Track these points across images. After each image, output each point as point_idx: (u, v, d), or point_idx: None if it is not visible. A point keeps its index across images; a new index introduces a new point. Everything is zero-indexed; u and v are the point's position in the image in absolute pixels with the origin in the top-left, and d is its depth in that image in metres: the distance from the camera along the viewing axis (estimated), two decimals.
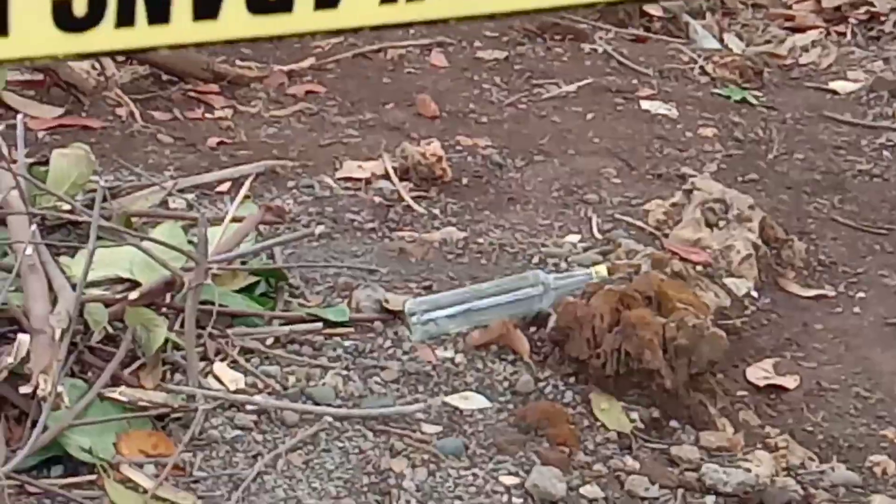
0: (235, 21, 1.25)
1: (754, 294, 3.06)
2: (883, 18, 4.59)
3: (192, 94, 3.67)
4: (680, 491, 2.46)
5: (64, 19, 1.20)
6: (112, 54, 1.25)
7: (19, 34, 1.19)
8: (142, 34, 1.23)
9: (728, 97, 3.97)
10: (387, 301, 2.74)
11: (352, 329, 2.68)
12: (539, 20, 4.07)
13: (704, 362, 2.62)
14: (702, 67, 4.12)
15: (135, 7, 1.22)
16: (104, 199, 2.59)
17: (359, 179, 3.32)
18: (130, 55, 1.19)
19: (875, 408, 2.79)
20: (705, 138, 3.72)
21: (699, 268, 3.02)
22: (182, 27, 1.24)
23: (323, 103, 3.72)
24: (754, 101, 3.97)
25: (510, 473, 2.40)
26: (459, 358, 2.64)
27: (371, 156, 3.42)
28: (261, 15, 1.26)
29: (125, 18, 1.22)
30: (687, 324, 2.60)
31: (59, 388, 2.27)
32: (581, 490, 2.40)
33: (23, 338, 2.34)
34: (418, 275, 2.90)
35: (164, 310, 2.58)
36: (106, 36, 1.22)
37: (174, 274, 2.54)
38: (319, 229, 3.03)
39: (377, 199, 3.24)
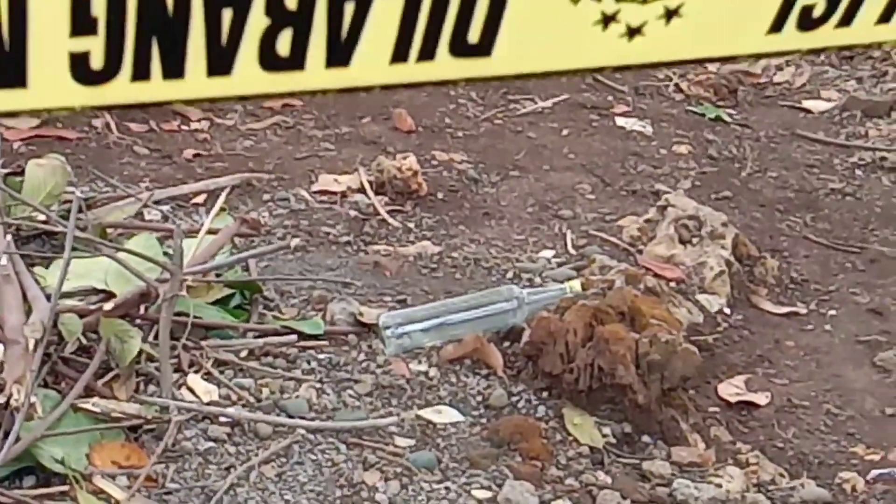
0: (248, 78, 1.26)
1: (727, 311, 3.08)
2: None
3: (168, 105, 3.67)
4: None
5: (81, 72, 1.22)
6: (127, 107, 1.25)
7: (38, 86, 1.21)
8: (156, 88, 1.24)
9: (702, 115, 3.99)
10: (361, 314, 2.74)
11: (326, 342, 2.68)
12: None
13: (677, 378, 2.64)
14: (677, 85, 4.15)
15: (150, 63, 1.23)
16: (80, 210, 2.59)
17: (334, 193, 3.33)
18: (145, 107, 1.21)
19: (845, 425, 2.81)
20: (679, 155, 3.74)
21: (672, 284, 3.04)
22: (196, 82, 1.25)
23: (299, 116, 3.72)
24: (728, 119, 4.00)
25: (483, 487, 2.41)
26: (433, 372, 2.64)
27: (347, 169, 3.43)
28: (273, 72, 1.27)
29: (141, 73, 1.23)
30: (660, 339, 2.62)
31: (33, 399, 2.27)
32: None
33: None
34: (393, 288, 2.91)
35: (138, 321, 2.58)
36: (122, 89, 1.23)
37: (149, 285, 2.54)
38: (295, 242, 3.04)
39: (352, 213, 3.25)
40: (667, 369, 2.62)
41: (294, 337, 2.66)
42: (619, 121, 3.88)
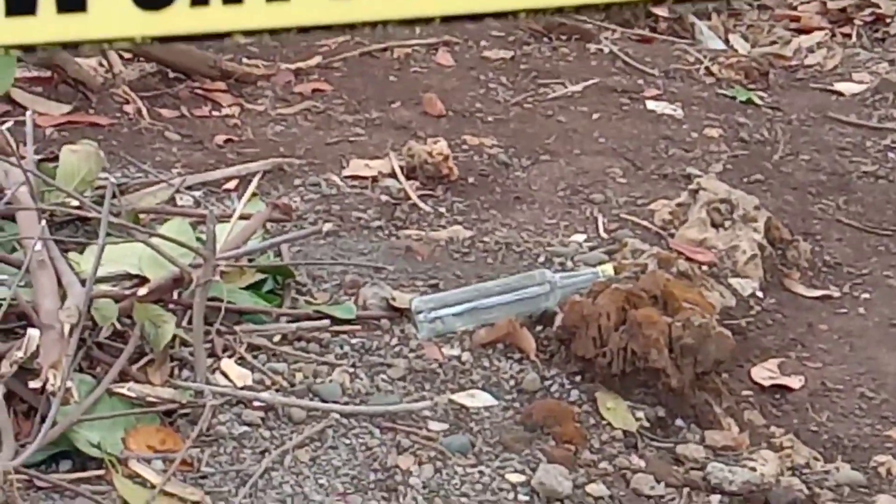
0: (309, 6, 1.21)
1: (759, 294, 3.07)
2: (888, 20, 4.60)
3: (199, 91, 3.68)
4: (685, 490, 2.47)
5: None
6: (186, 39, 1.21)
7: (97, 12, 1.17)
8: (216, 17, 1.19)
9: (733, 98, 3.98)
10: (393, 299, 2.75)
11: (358, 327, 2.68)
12: (545, 20, 4.07)
13: (710, 362, 2.63)
14: (707, 68, 4.13)
15: None
16: (113, 196, 2.60)
17: (365, 178, 3.33)
18: (204, 40, 1.16)
19: (880, 408, 2.80)
20: (711, 139, 3.73)
21: (705, 268, 3.03)
22: (255, 10, 1.20)
23: (329, 102, 3.73)
24: (759, 102, 3.98)
25: (516, 471, 2.41)
26: (466, 356, 2.64)
27: (377, 154, 3.43)
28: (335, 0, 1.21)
29: None
30: (693, 323, 2.61)
31: (68, 384, 2.28)
32: (587, 488, 2.41)
33: (32, 333, 2.35)
34: (425, 273, 2.91)
35: (172, 306, 2.59)
36: (181, 17, 1.19)
37: (182, 270, 2.55)
38: (326, 227, 3.04)
39: (384, 198, 3.25)
40: (700, 353, 2.61)
41: (327, 321, 2.67)
42: (650, 104, 3.87)
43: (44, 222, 2.61)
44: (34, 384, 2.29)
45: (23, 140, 2.96)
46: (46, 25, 1.17)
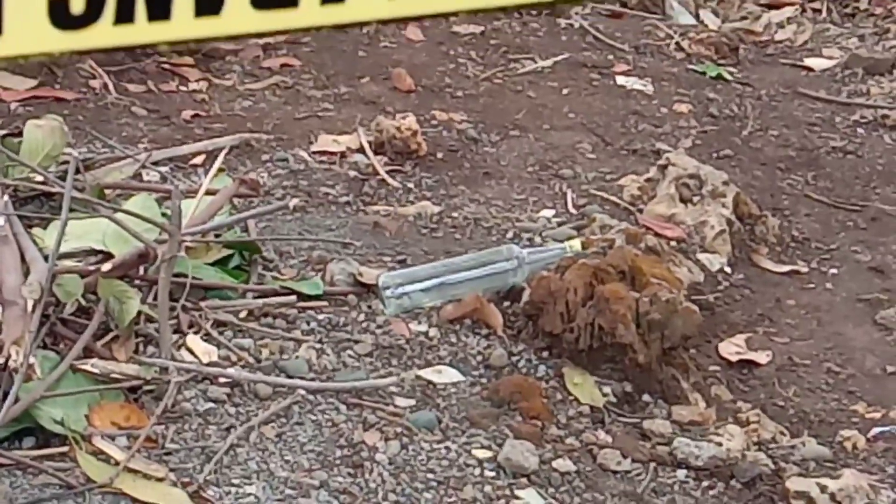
0: (239, 16, 1.23)
1: (727, 270, 3.07)
2: None
3: (166, 66, 3.66)
4: (652, 464, 2.47)
5: (60, 17, 1.18)
6: (109, 51, 1.23)
7: (13, 32, 1.17)
8: (141, 31, 1.21)
9: (703, 73, 3.97)
10: (360, 275, 2.74)
11: (325, 302, 2.67)
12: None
13: (677, 337, 2.63)
14: (677, 43, 4.13)
15: (135, 4, 1.20)
16: (77, 171, 2.58)
17: (333, 153, 3.32)
18: (128, 51, 1.20)
19: (846, 383, 2.81)
20: (680, 114, 3.73)
21: (673, 243, 3.03)
22: (183, 23, 1.22)
23: (298, 77, 3.71)
24: (729, 78, 3.98)
25: (483, 447, 2.41)
26: (433, 332, 2.64)
27: (346, 129, 3.42)
28: (265, 10, 1.24)
29: (125, 16, 1.20)
30: (660, 298, 2.61)
31: (31, 360, 2.27)
32: (553, 463, 2.41)
33: None
34: (392, 248, 2.90)
35: (137, 282, 2.57)
36: (104, 33, 1.20)
37: (147, 246, 2.53)
38: (294, 202, 3.03)
39: (352, 173, 3.24)
40: (667, 328, 2.61)
41: (293, 297, 2.65)
42: (620, 80, 3.86)
43: (7, 197, 2.59)
44: None
45: None
46: None
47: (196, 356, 2.48)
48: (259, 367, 2.49)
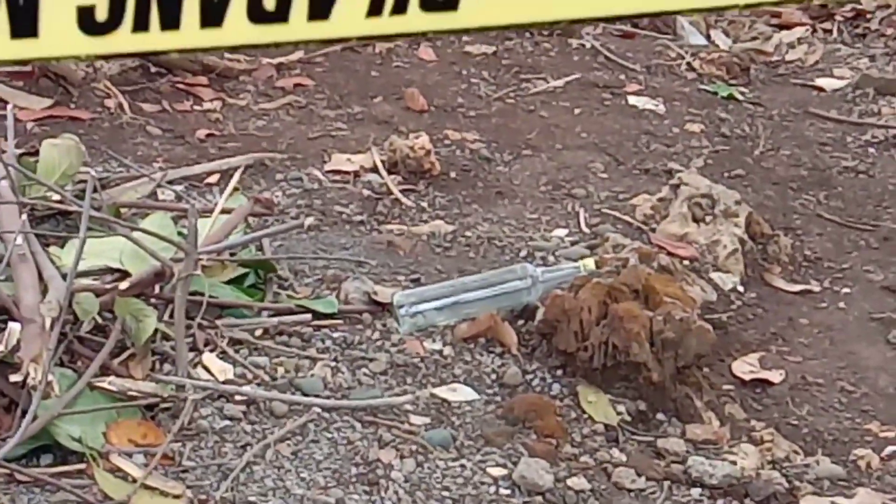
0: (238, 29, 1.42)
1: (740, 289, 3.08)
2: (868, 16, 4.62)
3: (180, 86, 3.68)
4: (666, 483, 2.47)
5: (87, 24, 1.37)
6: (128, 56, 1.45)
7: (47, 36, 1.36)
8: (155, 39, 1.40)
9: (715, 93, 3.99)
10: (375, 293, 2.75)
11: (340, 321, 2.69)
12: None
13: (691, 356, 2.64)
14: (689, 63, 4.14)
15: (149, 14, 1.39)
16: (94, 190, 2.59)
17: (347, 172, 3.33)
18: (143, 57, 1.48)
19: (860, 402, 2.81)
20: (692, 134, 3.74)
21: (686, 262, 3.04)
22: (190, 33, 1.41)
23: (311, 96, 3.72)
24: (741, 98, 3.99)
25: (498, 465, 2.42)
26: (447, 350, 2.65)
27: (360, 149, 3.44)
28: (260, 24, 1.43)
29: (141, 24, 1.39)
30: (674, 317, 2.62)
31: (49, 377, 2.28)
32: (568, 482, 2.42)
33: (13, 326, 2.34)
34: (406, 267, 2.92)
35: (153, 300, 2.58)
36: (124, 39, 1.39)
37: (164, 264, 2.55)
38: (308, 221, 3.04)
39: (366, 192, 3.25)
40: (681, 347, 2.62)
41: (308, 316, 2.67)
42: (632, 99, 3.88)
43: (25, 216, 2.60)
44: (15, 378, 2.28)
45: (3, 134, 2.96)
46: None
47: (212, 374, 2.50)
48: (275, 384, 2.50)
